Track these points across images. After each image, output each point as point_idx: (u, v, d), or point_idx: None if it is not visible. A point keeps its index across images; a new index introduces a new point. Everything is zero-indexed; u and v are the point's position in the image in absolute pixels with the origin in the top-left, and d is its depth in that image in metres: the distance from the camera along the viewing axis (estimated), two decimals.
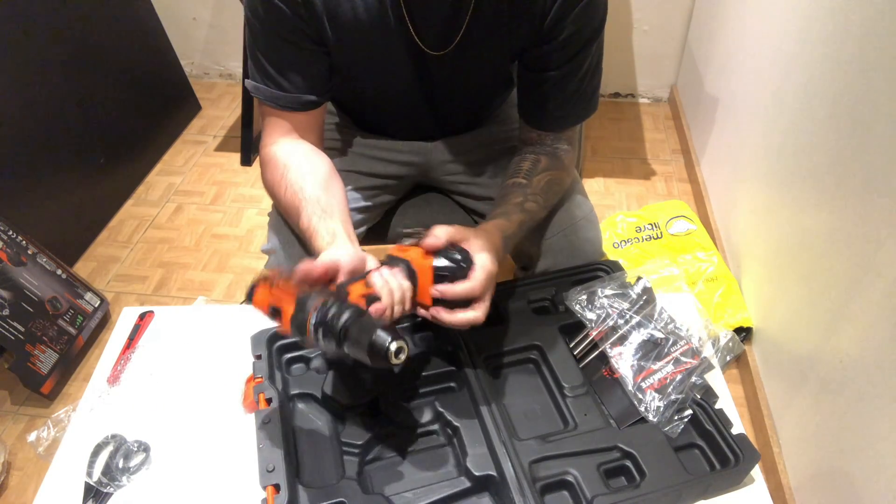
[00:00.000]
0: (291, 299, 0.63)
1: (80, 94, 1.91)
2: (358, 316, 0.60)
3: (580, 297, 0.85)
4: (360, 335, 0.59)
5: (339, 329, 0.60)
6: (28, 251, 1.51)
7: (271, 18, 0.80)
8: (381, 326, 0.59)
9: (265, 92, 0.86)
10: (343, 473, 0.71)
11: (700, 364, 0.77)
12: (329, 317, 0.60)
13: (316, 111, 0.90)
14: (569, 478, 0.69)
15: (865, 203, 0.99)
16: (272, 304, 0.64)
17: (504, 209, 0.84)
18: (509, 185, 0.89)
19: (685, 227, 1.73)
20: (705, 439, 0.74)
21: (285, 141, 0.89)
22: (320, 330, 0.60)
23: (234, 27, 2.56)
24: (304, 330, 0.61)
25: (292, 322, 0.62)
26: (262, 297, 0.65)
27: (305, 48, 0.83)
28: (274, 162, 0.87)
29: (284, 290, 0.64)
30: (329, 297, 0.62)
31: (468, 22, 0.81)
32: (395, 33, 0.83)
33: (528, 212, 0.86)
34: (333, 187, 0.86)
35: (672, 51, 2.41)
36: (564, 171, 0.94)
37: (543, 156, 0.92)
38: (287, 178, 0.85)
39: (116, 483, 0.74)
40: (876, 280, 0.95)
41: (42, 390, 1.49)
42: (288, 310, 0.63)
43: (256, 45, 0.84)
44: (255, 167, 2.28)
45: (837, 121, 1.10)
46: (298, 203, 0.82)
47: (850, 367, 1.01)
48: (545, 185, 0.89)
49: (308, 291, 0.63)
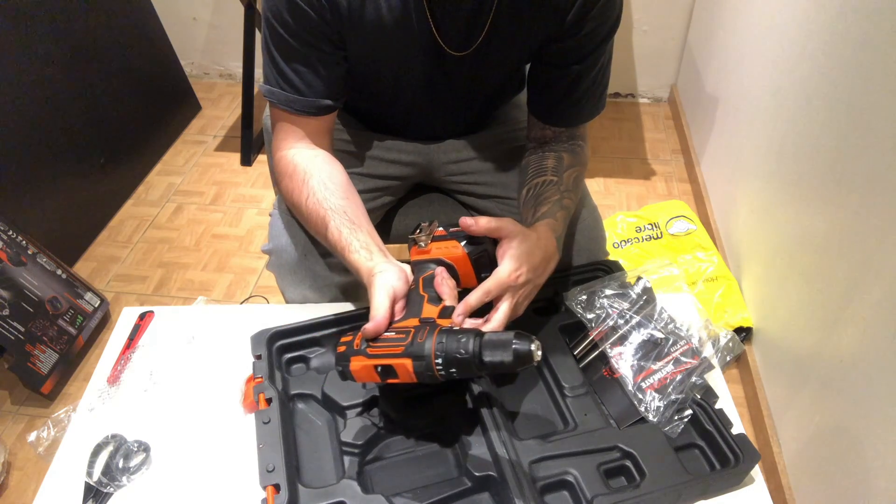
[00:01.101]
0: (396, 355, 0.64)
1: (80, 94, 1.91)
2: (477, 337, 0.62)
3: (580, 297, 0.85)
4: (497, 354, 0.61)
5: (473, 358, 0.61)
6: (28, 251, 1.51)
7: (294, 21, 0.79)
8: (512, 337, 0.61)
9: (280, 96, 0.85)
10: (343, 473, 0.71)
11: (700, 364, 0.77)
12: (453, 352, 0.61)
13: (329, 116, 0.89)
14: (569, 478, 0.69)
15: (865, 203, 0.99)
16: (379, 366, 0.65)
17: (548, 209, 0.84)
18: (541, 183, 0.88)
19: (685, 227, 1.73)
20: (705, 439, 0.74)
21: (301, 147, 0.88)
22: (453, 370, 0.62)
23: (234, 27, 2.56)
24: (434, 376, 0.62)
25: (418, 374, 0.63)
26: (363, 365, 0.66)
27: (325, 51, 0.82)
28: (293, 168, 0.86)
29: (381, 349, 0.65)
30: (424, 332, 0.63)
31: (491, 21, 0.81)
32: (417, 34, 0.82)
33: (567, 209, 0.87)
34: (354, 196, 0.86)
35: (672, 51, 2.41)
36: (584, 167, 0.95)
37: (565, 152, 0.92)
38: (310, 185, 0.83)
39: (116, 483, 0.74)
40: (876, 280, 0.95)
41: (42, 390, 1.49)
42: (404, 365, 0.63)
43: (275, 48, 0.83)
44: (255, 167, 2.28)
45: (837, 121, 1.10)
46: (324, 213, 0.81)
47: (850, 367, 1.01)
48: (574, 182, 0.90)
49: (402, 338, 0.64)
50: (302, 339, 0.85)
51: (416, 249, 0.75)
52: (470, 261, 0.73)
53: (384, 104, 1.00)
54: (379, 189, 1.05)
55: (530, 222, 0.82)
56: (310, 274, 0.94)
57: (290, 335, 0.84)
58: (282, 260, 0.95)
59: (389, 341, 0.65)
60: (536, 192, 0.87)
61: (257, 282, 1.84)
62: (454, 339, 0.62)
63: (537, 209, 0.84)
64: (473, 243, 0.73)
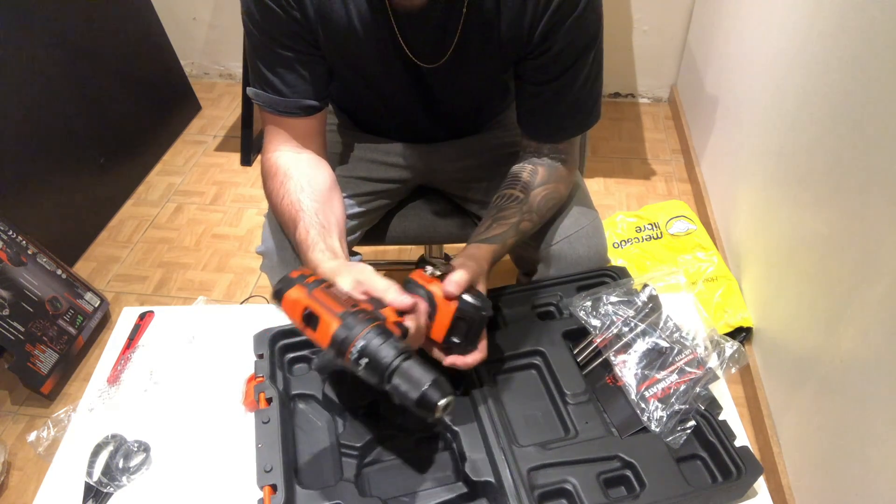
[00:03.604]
0: (331, 311, 0.59)
1: (80, 94, 1.91)
2: (406, 358, 0.58)
3: (585, 303, 0.83)
4: (408, 383, 0.57)
5: (387, 368, 0.57)
6: (28, 251, 1.52)
7: (266, 21, 0.79)
8: (430, 381, 0.57)
9: (264, 98, 0.85)
10: (341, 475, 0.70)
11: (705, 374, 0.76)
12: (376, 349, 0.57)
13: (316, 117, 0.88)
14: (568, 486, 0.68)
15: (865, 203, 0.99)
16: (309, 309, 0.60)
17: (501, 230, 0.83)
18: (506, 196, 0.87)
19: (685, 227, 1.73)
20: (708, 451, 0.73)
21: (287, 149, 0.88)
22: (364, 360, 0.57)
23: (234, 27, 2.57)
24: (343, 351, 0.58)
25: (334, 339, 0.58)
26: (297, 298, 0.61)
27: (302, 51, 0.82)
28: (275, 170, 0.86)
29: (323, 297, 0.61)
30: (369, 320, 0.59)
31: (459, 36, 0.80)
32: (388, 44, 0.82)
33: (522, 232, 0.86)
34: (334, 202, 0.85)
35: (672, 51, 2.41)
36: (563, 182, 0.92)
37: (542, 166, 0.90)
38: (286, 186, 0.83)
39: (116, 483, 0.74)
40: (876, 280, 0.95)
41: (42, 390, 1.49)
42: (329, 322, 0.59)
43: (254, 50, 0.83)
44: (255, 167, 2.28)
45: (837, 121, 1.10)
46: (296, 214, 0.81)
47: (850, 367, 1.01)
48: (541, 201, 0.88)
49: (349, 304, 0.60)
50: (305, 339, 0.84)
51: (421, 273, 0.72)
52: (454, 317, 0.70)
53: (370, 107, 1.00)
54: (376, 192, 1.05)
55: (480, 237, 0.82)
56: None
57: (293, 335, 0.84)
58: (273, 262, 0.94)
59: (335, 298, 0.61)
60: (500, 203, 0.86)
61: (257, 282, 1.84)
62: (385, 341, 0.58)
63: (492, 227, 0.83)
64: (466, 301, 0.69)
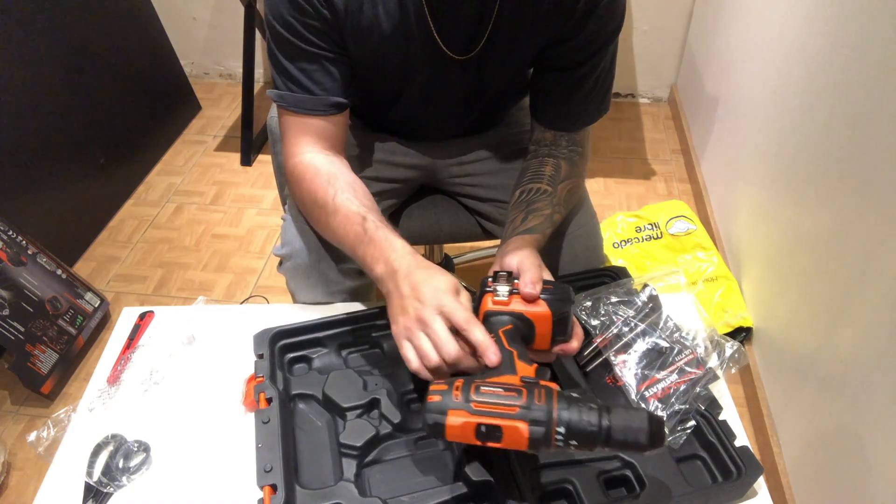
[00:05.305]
0: (507, 416, 0.56)
1: (79, 93, 1.91)
2: (607, 412, 0.55)
3: (585, 303, 0.83)
4: (628, 433, 0.55)
5: (600, 434, 0.55)
6: (28, 251, 1.52)
7: (296, 20, 0.79)
8: (646, 416, 0.55)
9: (290, 98, 0.84)
10: (341, 475, 0.70)
11: (705, 374, 0.76)
12: (577, 425, 0.55)
13: (340, 118, 0.87)
14: (568, 486, 0.68)
15: (865, 203, 0.99)
16: (484, 426, 0.56)
17: (538, 221, 0.83)
18: (534, 190, 0.87)
19: (685, 227, 1.73)
20: (708, 451, 0.73)
21: (316, 151, 0.87)
22: (573, 441, 0.55)
23: (234, 27, 2.56)
24: (548, 445, 0.56)
25: (533, 442, 0.55)
26: (464, 423, 0.57)
27: (329, 50, 0.82)
28: (314, 170, 0.84)
29: (486, 406, 0.57)
30: (547, 398, 0.56)
31: (493, 23, 0.81)
32: (417, 39, 0.82)
33: (555, 224, 0.86)
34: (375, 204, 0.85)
35: (672, 51, 2.41)
36: (581, 178, 0.94)
37: (563, 161, 0.91)
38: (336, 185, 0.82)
39: (116, 483, 0.74)
40: (876, 280, 0.95)
41: (42, 390, 1.49)
42: (516, 427, 0.55)
43: (279, 51, 0.82)
44: (255, 167, 2.28)
45: (837, 121, 1.10)
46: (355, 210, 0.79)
47: (850, 367, 1.01)
48: (567, 195, 0.89)
49: (514, 396, 0.57)
50: (305, 339, 0.84)
51: (494, 299, 0.68)
52: (553, 321, 0.67)
53: (386, 106, 1.00)
54: (384, 192, 1.05)
55: (519, 230, 0.81)
56: (322, 279, 0.94)
57: (293, 335, 0.84)
58: (296, 264, 0.94)
59: (497, 399, 0.57)
60: (529, 198, 0.87)
61: (257, 282, 1.84)
62: (579, 408, 0.55)
63: (528, 219, 0.83)
64: (553, 300, 0.67)
